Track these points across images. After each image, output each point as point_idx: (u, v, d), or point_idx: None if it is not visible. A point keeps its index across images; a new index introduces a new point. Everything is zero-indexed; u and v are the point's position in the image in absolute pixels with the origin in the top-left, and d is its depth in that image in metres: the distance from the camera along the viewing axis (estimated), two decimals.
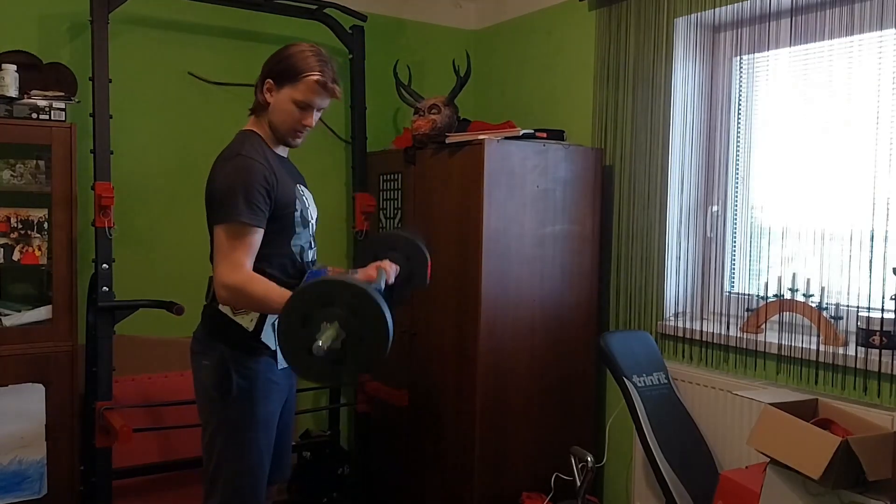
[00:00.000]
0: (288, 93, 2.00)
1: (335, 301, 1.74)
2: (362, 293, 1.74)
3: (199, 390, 2.08)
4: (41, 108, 2.65)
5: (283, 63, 2.01)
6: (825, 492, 1.97)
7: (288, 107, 2.01)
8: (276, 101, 2.02)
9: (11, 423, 2.62)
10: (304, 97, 2.00)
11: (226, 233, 1.92)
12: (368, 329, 1.74)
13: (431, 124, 2.99)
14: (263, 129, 2.07)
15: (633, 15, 2.98)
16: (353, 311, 1.73)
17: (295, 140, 2.08)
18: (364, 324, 1.74)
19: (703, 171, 2.93)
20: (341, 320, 1.73)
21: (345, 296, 1.74)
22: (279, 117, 2.03)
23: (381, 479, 3.38)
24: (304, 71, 1.98)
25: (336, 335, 1.72)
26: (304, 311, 1.75)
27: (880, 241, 2.37)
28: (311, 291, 1.79)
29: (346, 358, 1.76)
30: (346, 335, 1.73)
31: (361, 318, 1.73)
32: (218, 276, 1.93)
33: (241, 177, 1.93)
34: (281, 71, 2.01)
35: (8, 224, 2.66)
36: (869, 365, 2.30)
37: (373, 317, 1.73)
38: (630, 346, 2.72)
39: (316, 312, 1.74)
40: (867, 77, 2.43)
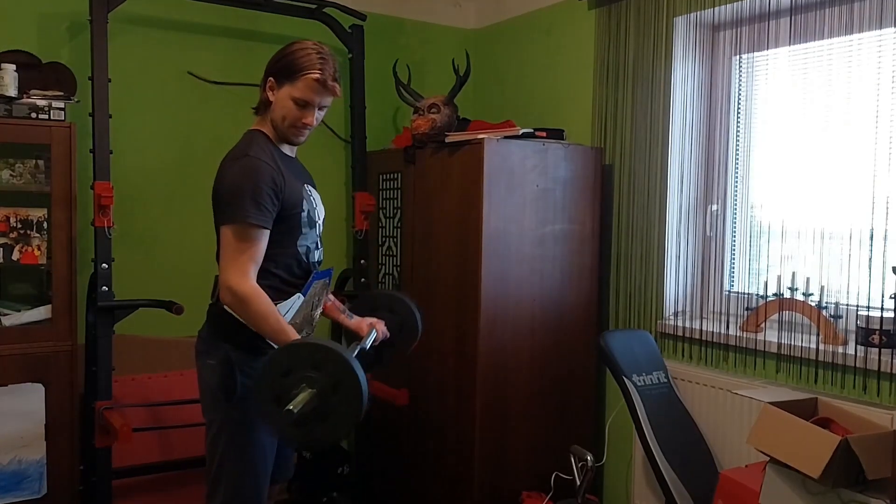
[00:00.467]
0: (287, 91, 2.00)
1: (321, 367, 1.77)
2: (351, 371, 1.76)
3: (204, 390, 2.08)
4: (40, 108, 2.64)
5: (284, 61, 2.01)
6: (825, 491, 1.97)
7: (287, 104, 2.01)
8: (276, 99, 2.02)
9: (11, 422, 2.62)
10: (302, 95, 2.00)
11: (233, 233, 1.92)
12: (341, 405, 1.77)
13: (431, 123, 2.99)
14: (269, 128, 2.07)
15: (632, 14, 2.98)
16: (333, 384, 1.76)
17: (297, 138, 2.08)
18: (339, 399, 1.76)
19: (702, 169, 2.93)
20: (319, 388, 1.75)
21: (332, 366, 1.77)
22: (279, 115, 2.03)
23: (382, 478, 3.38)
24: (304, 69, 1.98)
25: (310, 400, 1.74)
26: (291, 365, 1.78)
27: (880, 240, 2.37)
28: (302, 349, 1.82)
29: (309, 424, 1.78)
30: (317, 404, 1.75)
31: (339, 394, 1.76)
32: (223, 279, 1.93)
33: (249, 178, 1.93)
34: (281, 69, 2.01)
35: (7, 224, 2.66)
36: (868, 364, 2.30)
37: (349, 396, 1.76)
38: (630, 346, 2.72)
39: (300, 370, 1.77)
40: (866, 76, 2.43)
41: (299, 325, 2.07)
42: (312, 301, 2.11)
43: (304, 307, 2.07)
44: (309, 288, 2.07)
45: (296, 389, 1.75)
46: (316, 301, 2.14)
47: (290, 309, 2.02)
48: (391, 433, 3.29)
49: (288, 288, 2.03)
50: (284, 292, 2.02)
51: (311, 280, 2.07)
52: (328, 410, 1.76)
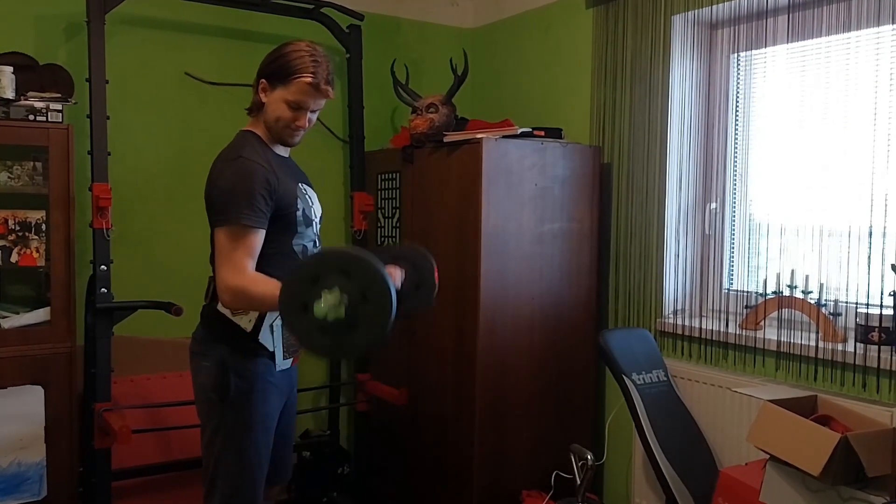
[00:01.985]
0: (280, 93, 1.99)
1: (350, 273, 1.69)
2: (381, 279, 1.68)
3: (198, 391, 2.08)
4: (38, 110, 2.64)
5: (277, 63, 2.00)
6: (825, 488, 1.97)
7: (280, 107, 2.00)
8: (269, 101, 2.01)
9: (10, 425, 2.61)
10: (295, 98, 1.98)
11: (227, 235, 1.92)
12: (370, 315, 1.69)
13: (429, 123, 2.99)
14: (262, 129, 2.06)
15: (630, 12, 2.98)
16: (363, 293, 1.68)
17: (291, 139, 2.07)
18: (368, 308, 1.68)
19: (701, 168, 2.93)
20: (349, 295, 1.67)
21: (364, 274, 1.69)
22: (272, 117, 2.02)
23: (381, 477, 3.38)
24: (296, 72, 1.96)
25: (338, 304, 1.67)
26: (318, 272, 1.71)
27: (878, 237, 2.37)
28: (331, 256, 1.75)
29: (336, 333, 1.70)
30: (346, 310, 1.68)
31: (369, 302, 1.68)
32: (220, 280, 1.92)
33: (241, 180, 1.92)
34: (274, 71, 2.00)
35: (6, 226, 2.66)
36: (868, 361, 2.30)
37: (380, 305, 1.68)
38: (629, 344, 2.72)
39: (328, 276, 1.69)
40: (864, 73, 2.43)
41: None
42: None
43: None
44: None
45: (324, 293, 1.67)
46: None
47: None
48: (391, 433, 3.29)
49: None
50: None
51: None
52: (357, 318, 1.69)
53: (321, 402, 3.53)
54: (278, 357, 2.05)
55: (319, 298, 1.67)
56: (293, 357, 2.12)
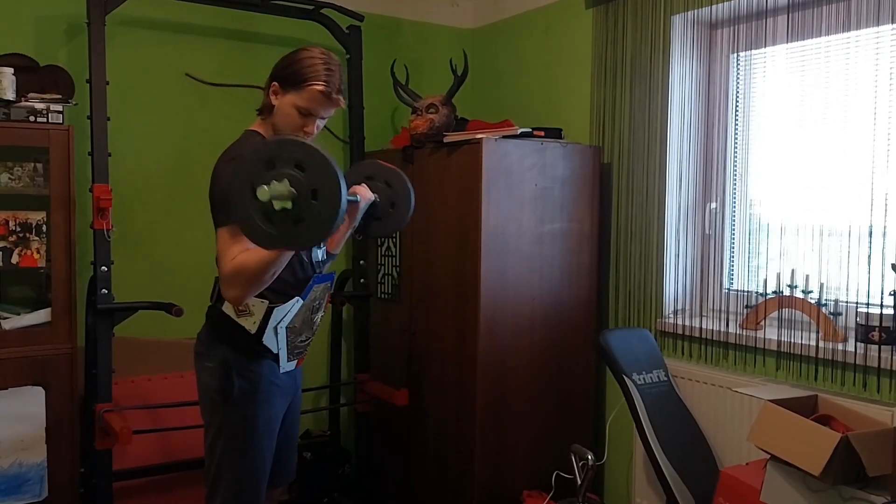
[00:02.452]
0: (291, 99, 1.98)
1: (306, 169, 1.66)
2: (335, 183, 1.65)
3: (202, 392, 2.08)
4: (38, 111, 2.64)
5: (290, 68, 1.99)
6: (825, 488, 1.98)
7: (290, 112, 1.99)
8: (279, 104, 2.01)
9: (11, 426, 2.61)
10: (305, 105, 1.98)
11: (229, 235, 1.91)
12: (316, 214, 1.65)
13: (429, 123, 2.99)
14: (268, 131, 2.06)
15: (629, 12, 2.98)
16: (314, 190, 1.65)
17: None
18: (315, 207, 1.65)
19: (701, 168, 2.93)
20: (298, 188, 1.65)
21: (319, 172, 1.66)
22: (281, 121, 2.01)
23: (382, 478, 3.38)
24: (309, 79, 1.96)
25: (286, 195, 1.64)
26: (275, 158, 1.67)
27: (879, 237, 2.37)
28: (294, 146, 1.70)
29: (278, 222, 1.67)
30: (292, 203, 1.65)
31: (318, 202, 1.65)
32: (220, 275, 1.92)
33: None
34: (287, 76, 1.99)
35: (6, 227, 2.66)
36: (868, 361, 2.30)
37: (327, 207, 1.64)
38: (629, 344, 2.72)
39: (283, 165, 1.66)
40: (864, 73, 2.43)
41: (298, 328, 2.07)
42: (313, 305, 2.11)
43: (303, 311, 2.06)
44: (309, 292, 2.06)
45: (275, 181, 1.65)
46: (316, 305, 2.13)
47: (288, 312, 2.02)
48: (392, 433, 3.29)
49: (288, 290, 2.02)
50: (284, 295, 2.01)
51: (312, 283, 2.06)
52: (302, 213, 1.66)
53: (322, 402, 3.54)
54: (282, 359, 2.05)
55: (268, 184, 1.64)
56: (297, 359, 2.12)
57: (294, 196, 1.65)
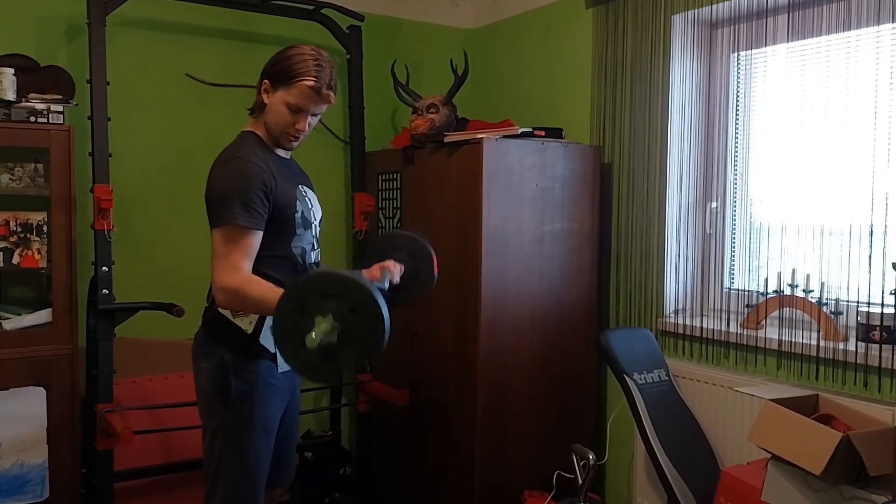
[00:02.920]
0: (282, 96, 1.98)
1: (334, 294, 1.70)
2: (362, 289, 1.70)
3: (200, 393, 2.08)
4: (39, 111, 2.64)
5: (280, 65, 1.99)
6: (827, 487, 1.97)
7: (281, 109, 1.99)
8: (270, 102, 2.01)
9: (13, 426, 2.62)
10: (296, 101, 1.98)
11: (222, 236, 1.91)
12: (364, 327, 1.69)
13: (430, 123, 2.99)
14: (262, 130, 2.06)
15: (629, 12, 2.98)
16: (351, 308, 1.69)
17: (289, 143, 2.06)
18: (361, 321, 1.69)
19: (701, 167, 2.93)
20: (338, 315, 1.68)
21: (345, 290, 1.70)
22: (272, 119, 2.02)
23: (383, 478, 3.38)
24: (299, 75, 1.96)
25: (331, 329, 1.68)
26: (303, 302, 1.71)
27: (879, 236, 2.37)
28: (311, 282, 1.76)
29: (339, 354, 1.71)
30: (341, 330, 1.69)
31: (359, 315, 1.69)
32: (215, 280, 1.92)
33: (237, 180, 1.92)
34: (277, 73, 1.99)
35: (7, 227, 2.66)
36: (869, 360, 2.30)
37: (370, 315, 1.68)
38: (630, 344, 2.72)
39: (314, 304, 1.70)
40: (865, 72, 2.43)
41: None
42: None
43: None
44: None
45: (313, 325, 1.68)
46: None
47: None
48: (393, 433, 3.29)
49: None
50: None
51: None
52: (354, 333, 1.69)
53: (323, 402, 3.54)
54: (280, 359, 2.05)
55: (311, 329, 1.68)
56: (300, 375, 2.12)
57: (338, 326, 1.69)
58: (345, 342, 1.70)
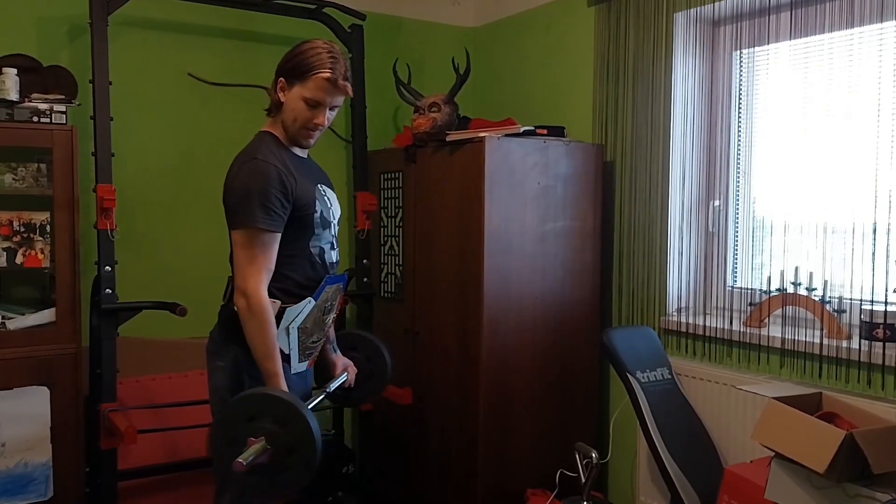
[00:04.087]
0: (298, 91, 1.98)
1: (286, 423, 1.77)
2: (309, 437, 1.77)
3: (213, 391, 2.07)
4: (42, 112, 2.65)
5: (294, 61, 1.99)
6: (830, 485, 1.97)
7: (298, 105, 1.99)
8: (288, 99, 2.00)
9: (17, 425, 2.62)
10: (313, 95, 1.97)
11: (243, 238, 1.91)
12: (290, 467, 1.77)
13: (432, 122, 2.99)
14: (279, 130, 2.05)
15: (632, 10, 2.98)
16: (287, 447, 1.76)
17: (307, 140, 2.06)
18: (291, 460, 1.77)
19: (704, 165, 2.93)
20: (274, 444, 1.75)
21: (273, 410, 1.78)
22: (290, 116, 2.01)
23: (386, 477, 3.38)
24: (314, 68, 1.95)
25: (261, 449, 1.74)
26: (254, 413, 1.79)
27: (883, 234, 2.37)
28: (271, 401, 1.82)
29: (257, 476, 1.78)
30: (272, 449, 1.75)
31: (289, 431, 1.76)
32: (238, 282, 1.92)
33: (256, 181, 1.91)
34: (292, 68, 1.99)
35: (10, 227, 2.66)
36: (873, 358, 2.30)
37: (300, 430, 1.76)
38: (633, 342, 2.72)
39: (263, 420, 1.77)
40: (868, 69, 2.43)
41: (310, 329, 2.06)
42: (324, 306, 2.10)
43: (315, 311, 2.06)
44: (321, 292, 2.05)
45: (253, 438, 1.75)
46: (328, 306, 2.12)
47: (300, 313, 2.01)
48: (395, 432, 3.30)
49: (300, 291, 2.01)
50: (296, 295, 2.00)
51: (324, 284, 2.05)
52: (279, 469, 1.77)
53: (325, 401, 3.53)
54: (294, 359, 2.04)
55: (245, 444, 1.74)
56: (309, 360, 2.12)
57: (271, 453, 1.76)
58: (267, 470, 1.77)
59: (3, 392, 2.61)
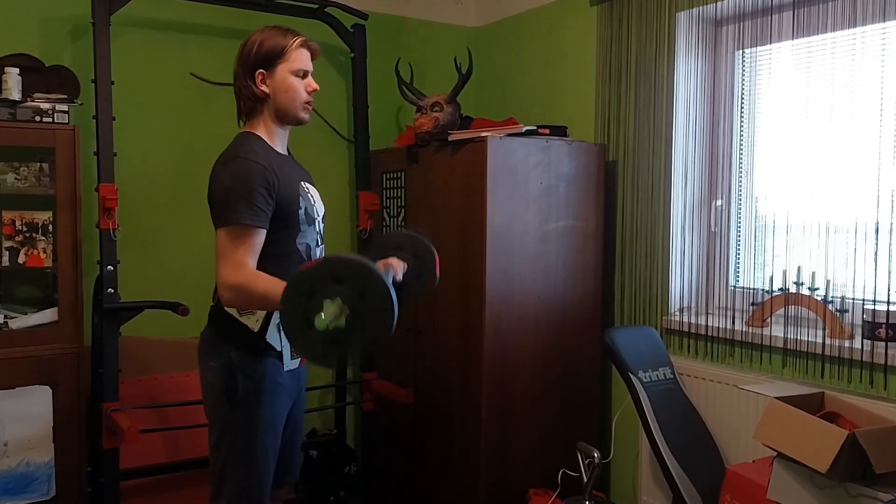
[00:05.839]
0: (284, 69, 2.02)
1: (344, 278, 1.70)
2: (373, 274, 1.70)
3: (206, 391, 2.08)
4: (44, 111, 2.65)
5: (262, 50, 2.02)
6: (833, 485, 1.97)
7: (289, 81, 2.03)
8: (274, 84, 2.03)
9: (19, 425, 2.63)
10: (301, 64, 2.03)
11: (227, 235, 1.92)
12: (373, 311, 1.70)
13: (434, 122, 2.99)
14: (262, 128, 2.06)
15: (634, 10, 2.98)
16: (360, 292, 1.69)
17: (307, 113, 2.09)
18: (370, 306, 1.69)
19: (706, 165, 2.92)
20: (347, 299, 1.69)
21: (355, 275, 1.71)
22: (287, 96, 2.03)
23: (388, 476, 3.38)
24: (286, 43, 2.02)
25: (340, 312, 1.69)
26: (312, 285, 1.71)
27: (885, 234, 2.36)
28: (323, 265, 1.77)
29: (346, 338, 1.71)
30: (350, 314, 1.69)
31: (368, 300, 1.69)
32: (220, 278, 1.92)
33: (240, 179, 1.93)
34: (264, 57, 2.02)
35: (13, 227, 2.67)
36: (875, 358, 2.29)
37: (380, 299, 1.69)
38: (635, 342, 2.72)
39: (324, 287, 1.70)
40: (870, 69, 2.42)
41: None
42: None
43: None
44: None
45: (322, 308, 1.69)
46: None
47: None
48: (397, 432, 3.30)
49: None
50: None
51: None
52: (361, 319, 1.70)
53: (328, 401, 3.54)
54: (286, 357, 2.05)
55: (320, 311, 1.68)
56: (301, 357, 2.12)
57: (347, 310, 1.69)
58: (353, 326, 1.70)
59: (6, 391, 2.61)
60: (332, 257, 1.80)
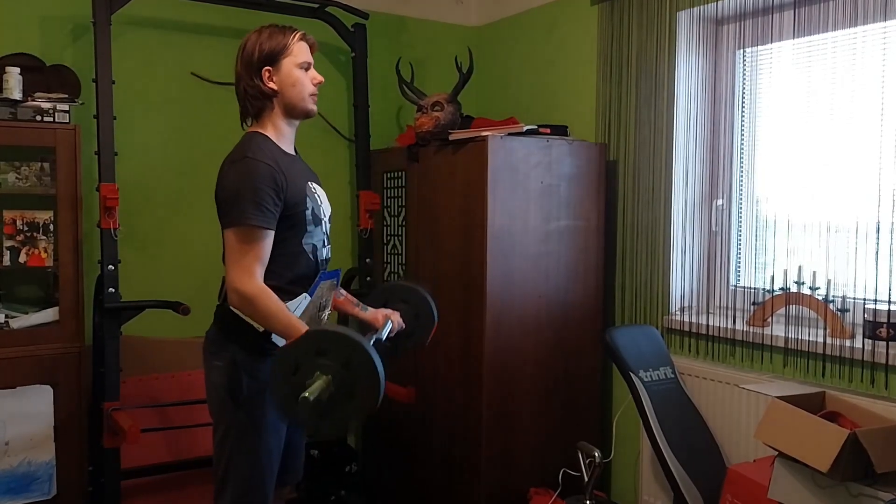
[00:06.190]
0: (289, 63, 2.04)
1: (327, 351, 1.75)
2: (355, 344, 1.74)
3: (211, 391, 2.08)
4: (45, 111, 2.65)
5: (265, 48, 2.03)
6: (833, 485, 1.97)
7: (296, 74, 2.04)
8: (281, 79, 2.03)
9: (20, 424, 2.63)
10: (304, 58, 2.06)
11: (236, 236, 1.92)
12: (359, 385, 1.74)
13: (434, 121, 2.99)
14: (270, 128, 2.06)
15: (635, 9, 2.97)
16: (344, 363, 1.74)
17: (314, 105, 2.11)
18: (355, 376, 1.74)
19: (707, 164, 2.92)
20: (330, 371, 1.73)
21: (336, 346, 1.75)
22: (295, 90, 2.04)
23: (389, 476, 3.38)
24: (286, 39, 2.04)
25: (326, 386, 1.72)
26: (297, 360, 1.76)
27: (886, 233, 2.36)
28: (303, 340, 1.80)
29: (335, 411, 1.76)
30: (334, 387, 1.73)
31: (353, 370, 1.74)
32: (230, 281, 1.93)
33: (248, 179, 1.93)
34: (269, 53, 2.03)
35: (14, 226, 2.67)
36: (876, 357, 2.29)
37: (366, 373, 1.73)
38: (636, 341, 2.72)
39: (307, 362, 1.75)
40: (871, 68, 2.42)
41: None
42: (319, 302, 2.11)
43: (310, 308, 2.06)
44: (316, 288, 2.06)
45: (309, 380, 1.73)
46: (323, 302, 2.13)
47: (296, 309, 2.02)
48: (398, 431, 3.30)
49: (294, 288, 2.02)
50: (291, 292, 2.01)
51: (318, 280, 2.06)
52: (350, 389, 1.74)
53: None
54: None
55: (306, 386, 1.71)
56: None
57: (331, 383, 1.73)
58: (339, 399, 1.74)
59: (7, 391, 2.62)
60: (314, 331, 1.83)
